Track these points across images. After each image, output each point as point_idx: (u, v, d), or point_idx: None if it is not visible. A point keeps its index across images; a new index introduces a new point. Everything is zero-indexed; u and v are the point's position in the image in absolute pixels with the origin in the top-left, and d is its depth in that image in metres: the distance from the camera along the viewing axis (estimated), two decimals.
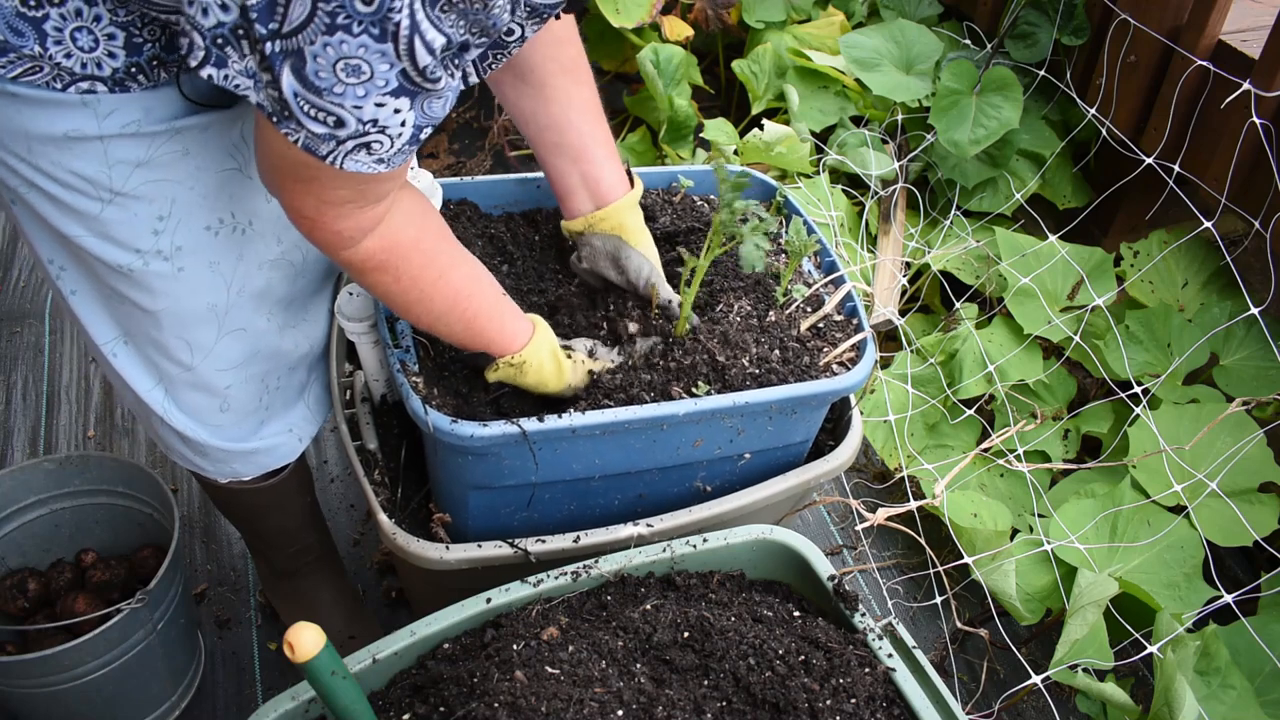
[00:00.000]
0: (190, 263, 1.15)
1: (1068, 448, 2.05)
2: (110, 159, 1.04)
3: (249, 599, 1.88)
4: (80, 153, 1.02)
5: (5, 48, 0.94)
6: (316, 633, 0.87)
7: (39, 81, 0.97)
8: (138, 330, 1.21)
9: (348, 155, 0.89)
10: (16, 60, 0.95)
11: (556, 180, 1.36)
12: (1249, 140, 1.92)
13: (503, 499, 1.30)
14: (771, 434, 1.34)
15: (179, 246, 1.13)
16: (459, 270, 1.16)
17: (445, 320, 1.17)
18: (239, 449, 1.37)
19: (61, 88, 0.98)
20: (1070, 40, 2.32)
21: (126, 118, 1.02)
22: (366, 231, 1.03)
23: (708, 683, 1.06)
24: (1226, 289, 2.12)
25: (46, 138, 1.00)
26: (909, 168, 2.49)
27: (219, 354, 1.25)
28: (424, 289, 1.13)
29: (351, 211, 1.00)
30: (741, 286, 1.42)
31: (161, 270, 1.13)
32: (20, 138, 1.01)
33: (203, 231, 1.14)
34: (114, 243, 1.10)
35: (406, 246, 1.08)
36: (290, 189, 0.98)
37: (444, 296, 1.15)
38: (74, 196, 1.05)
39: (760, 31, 2.76)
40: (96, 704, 1.53)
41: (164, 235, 1.11)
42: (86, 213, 1.07)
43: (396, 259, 1.08)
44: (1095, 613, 1.55)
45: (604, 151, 1.32)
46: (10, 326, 2.41)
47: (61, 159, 1.02)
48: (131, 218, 1.09)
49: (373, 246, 1.05)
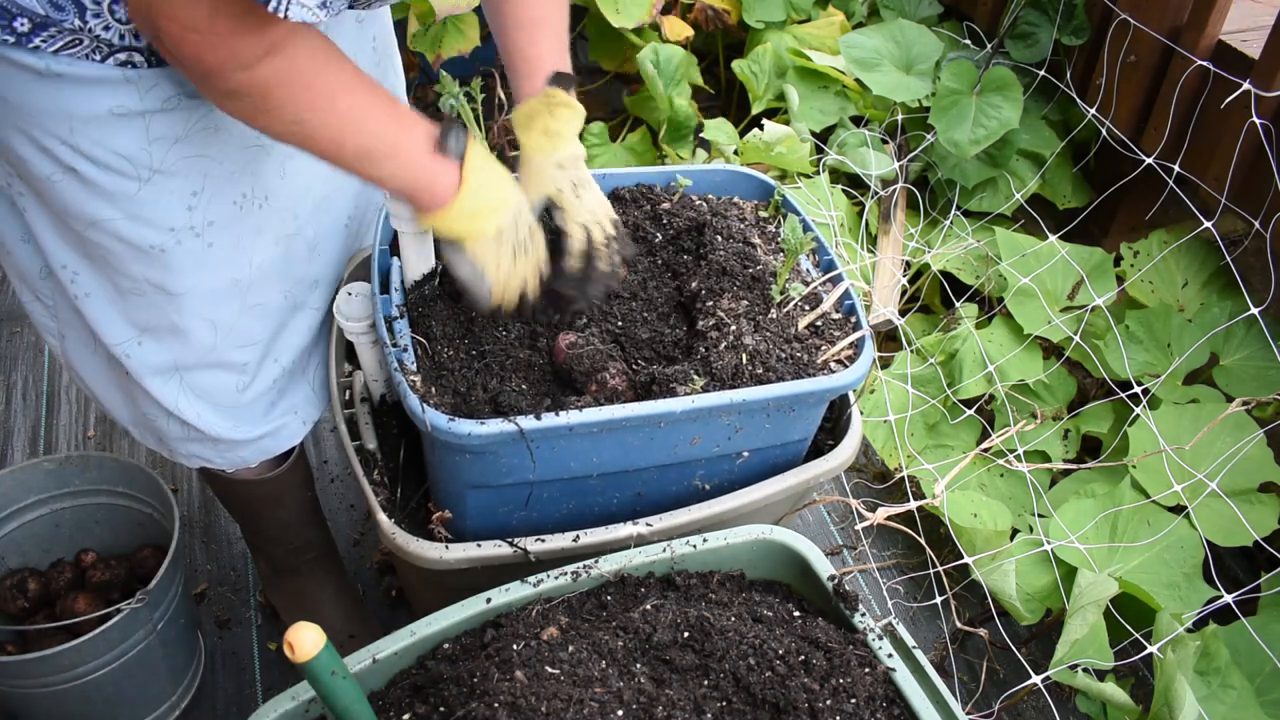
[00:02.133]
0: (219, 238, 1.19)
1: (1068, 448, 2.05)
2: (151, 135, 1.07)
3: (249, 599, 1.88)
4: (124, 129, 1.05)
5: (47, 22, 0.96)
6: (316, 633, 0.87)
7: (80, 54, 0.99)
8: (158, 321, 1.23)
9: None
10: (58, 34, 0.97)
11: (508, 62, 1.31)
12: (1249, 140, 1.92)
13: (501, 498, 1.30)
14: (770, 432, 1.34)
15: (210, 221, 1.17)
16: (347, 97, 1.03)
17: (337, 154, 1.06)
18: (247, 436, 1.40)
19: (101, 59, 1.00)
20: (1070, 40, 2.32)
21: (166, 91, 1.05)
22: (242, 64, 0.94)
23: (708, 683, 1.06)
24: (1226, 289, 2.12)
25: (90, 116, 1.03)
26: (909, 168, 2.49)
27: (240, 330, 1.28)
28: (318, 113, 1.01)
29: (224, 37, 0.91)
30: (739, 284, 1.43)
31: (192, 247, 1.17)
32: (63, 119, 1.03)
33: (230, 206, 1.18)
34: (146, 223, 1.12)
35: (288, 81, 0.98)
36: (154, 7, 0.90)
37: (327, 122, 1.03)
38: (111, 177, 1.08)
39: (760, 31, 2.76)
40: (96, 704, 1.53)
41: (197, 210, 1.15)
42: (122, 193, 1.09)
43: (269, 92, 0.97)
44: (1095, 613, 1.55)
45: (549, 30, 1.28)
46: (10, 326, 2.41)
47: (103, 137, 1.04)
48: (167, 195, 1.11)
49: (246, 79, 0.95)
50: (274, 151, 1.21)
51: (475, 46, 2.56)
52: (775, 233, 1.55)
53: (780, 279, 1.42)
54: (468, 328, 1.31)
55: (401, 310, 1.29)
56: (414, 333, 1.28)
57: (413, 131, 1.11)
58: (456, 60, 2.57)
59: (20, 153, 1.06)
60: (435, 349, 1.29)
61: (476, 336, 1.30)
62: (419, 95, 3.10)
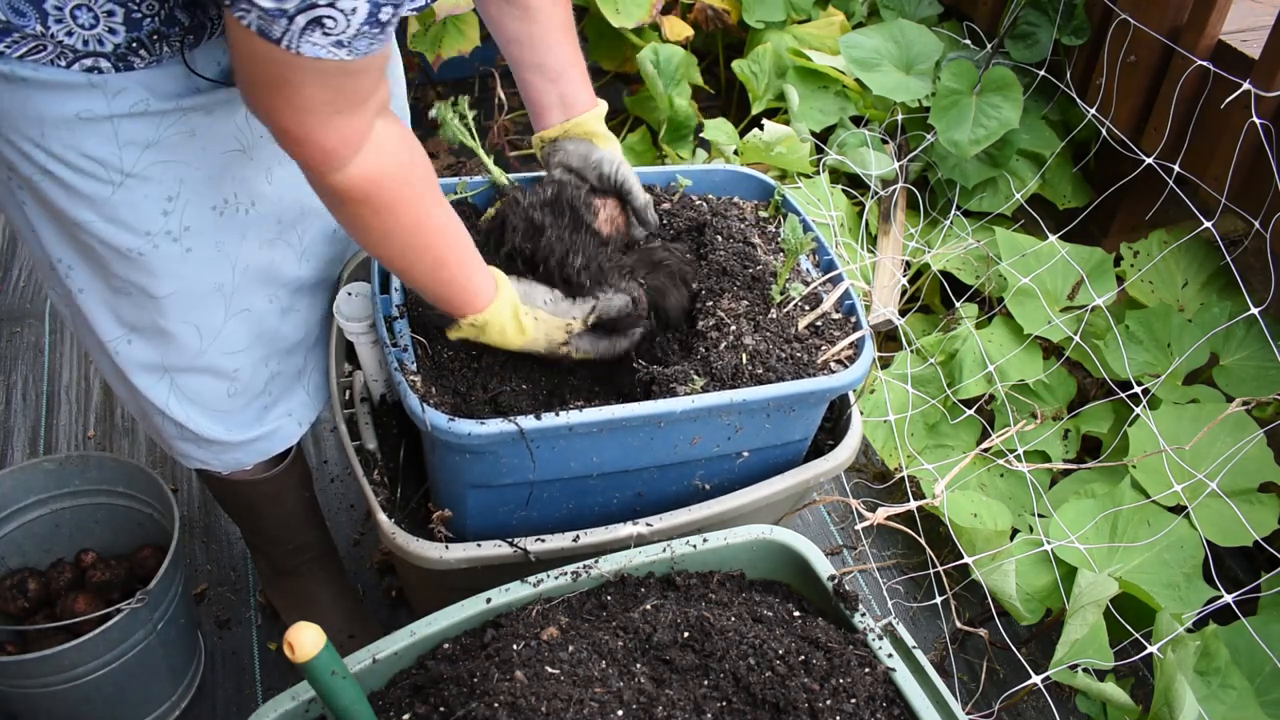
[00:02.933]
0: (197, 243, 1.18)
1: (1068, 448, 2.05)
2: (120, 140, 1.07)
3: (249, 599, 1.88)
4: (91, 133, 1.05)
5: (8, 28, 0.96)
6: (316, 633, 0.87)
7: (44, 60, 0.99)
8: (144, 322, 1.23)
9: (302, 34, 0.87)
10: (21, 40, 0.97)
11: (535, 98, 1.40)
12: (1249, 140, 1.92)
13: (501, 498, 1.30)
14: (770, 432, 1.34)
15: (187, 227, 1.16)
16: (438, 214, 1.14)
17: (417, 265, 1.14)
18: (240, 439, 1.40)
19: (66, 65, 1.00)
20: (1070, 40, 2.32)
21: (134, 97, 1.05)
22: (353, 147, 1.00)
23: (708, 683, 1.06)
24: (1226, 289, 2.12)
25: (59, 119, 1.03)
26: (909, 168, 2.49)
27: (227, 337, 1.28)
28: (403, 227, 1.10)
29: (330, 117, 0.97)
30: (739, 284, 1.43)
31: (170, 252, 1.17)
32: (34, 122, 1.03)
33: (209, 211, 1.18)
34: (123, 226, 1.12)
35: (393, 179, 1.06)
36: (267, 100, 0.96)
37: (420, 238, 1.12)
38: (85, 181, 1.08)
39: (760, 31, 2.76)
40: (96, 704, 1.53)
41: (173, 216, 1.15)
42: (97, 197, 1.09)
43: (381, 190, 1.05)
44: (1095, 613, 1.55)
45: (577, 73, 1.38)
46: (10, 326, 2.41)
47: (73, 141, 1.05)
48: (142, 200, 1.11)
49: (358, 174, 1.02)
50: (258, 157, 1.20)
51: (475, 46, 2.56)
52: (775, 233, 1.55)
53: (780, 279, 1.42)
54: None
55: (401, 310, 1.29)
56: (414, 333, 1.28)
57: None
58: (456, 60, 2.57)
59: (5, 154, 1.07)
60: (435, 349, 1.29)
61: None
62: (418, 96, 3.10)
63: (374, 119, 1.02)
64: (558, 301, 1.28)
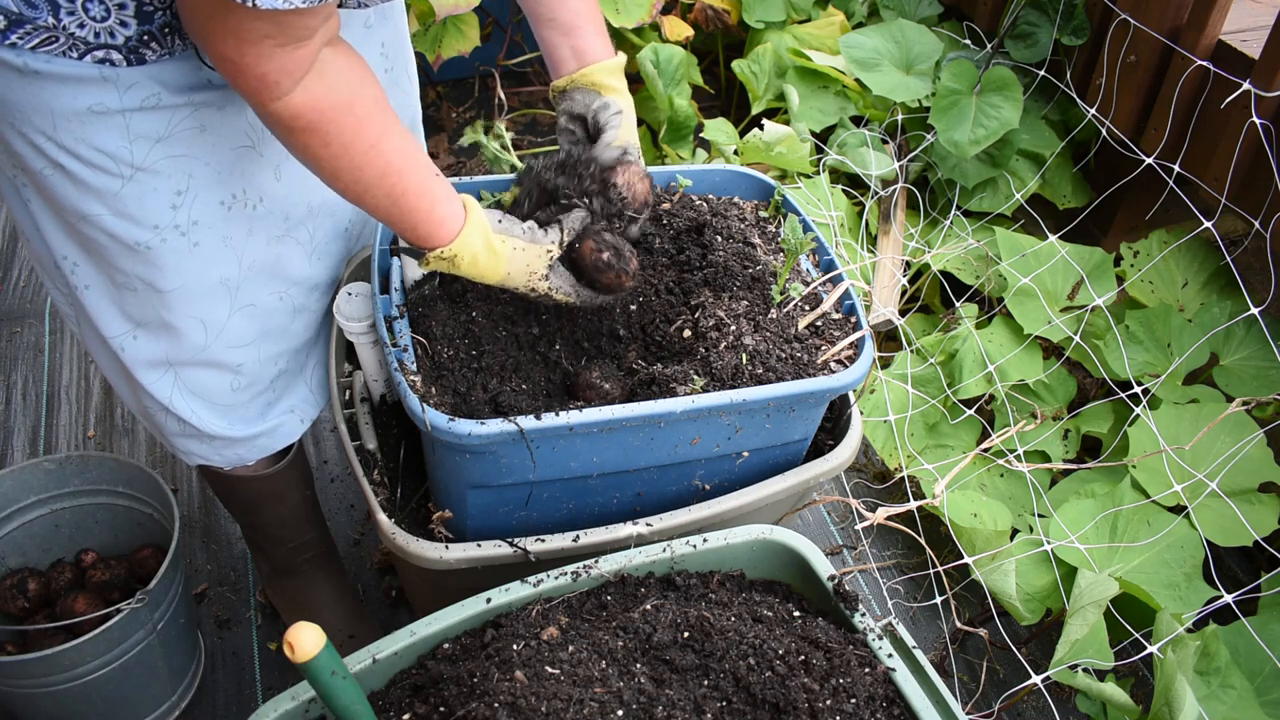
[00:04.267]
0: (205, 237, 1.19)
1: (1068, 448, 2.05)
2: (132, 133, 1.07)
3: (249, 599, 1.88)
4: (103, 127, 1.05)
5: (21, 19, 0.97)
6: (316, 633, 0.87)
7: (56, 52, 1.00)
8: (149, 317, 1.24)
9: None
10: (33, 31, 0.98)
11: (549, 51, 1.40)
12: (1249, 140, 1.92)
13: (501, 498, 1.30)
14: (770, 432, 1.34)
15: (195, 221, 1.17)
16: (392, 141, 1.10)
17: (373, 194, 1.11)
18: (243, 434, 1.41)
19: (78, 56, 1.00)
20: (1070, 40, 2.32)
21: (146, 91, 1.05)
22: (294, 78, 0.98)
23: (708, 683, 1.06)
24: (1226, 289, 2.12)
25: (71, 113, 1.03)
26: (909, 168, 2.49)
27: (231, 331, 1.29)
28: (354, 157, 1.07)
29: (273, 50, 0.94)
30: (739, 284, 1.43)
31: (178, 246, 1.17)
32: (46, 114, 1.03)
33: (217, 206, 1.18)
34: (132, 220, 1.13)
35: (339, 108, 1.03)
36: (209, 29, 0.95)
37: (374, 167, 1.09)
38: (95, 174, 1.08)
39: (760, 31, 2.76)
40: (96, 704, 1.53)
41: (181, 210, 1.15)
42: (106, 190, 1.10)
43: (327, 121, 1.02)
44: (1095, 613, 1.55)
45: (592, 27, 1.38)
46: (10, 326, 2.41)
47: (85, 134, 1.05)
48: (151, 193, 1.12)
49: (301, 102, 1.00)
50: (267, 153, 1.21)
51: (475, 46, 2.56)
52: (775, 233, 1.55)
53: (780, 279, 1.42)
54: (468, 328, 1.31)
55: (401, 310, 1.29)
56: (414, 333, 1.28)
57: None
58: (456, 60, 2.57)
59: (15, 147, 1.07)
60: (435, 349, 1.29)
61: (476, 337, 1.30)
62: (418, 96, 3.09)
63: (320, 50, 0.99)
64: (534, 230, 1.27)
